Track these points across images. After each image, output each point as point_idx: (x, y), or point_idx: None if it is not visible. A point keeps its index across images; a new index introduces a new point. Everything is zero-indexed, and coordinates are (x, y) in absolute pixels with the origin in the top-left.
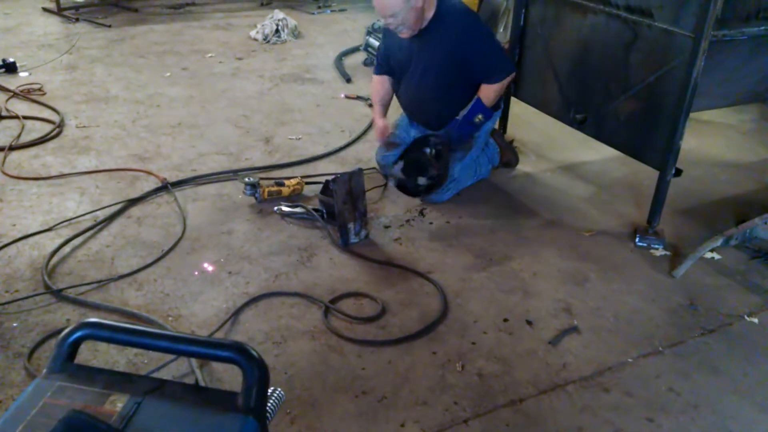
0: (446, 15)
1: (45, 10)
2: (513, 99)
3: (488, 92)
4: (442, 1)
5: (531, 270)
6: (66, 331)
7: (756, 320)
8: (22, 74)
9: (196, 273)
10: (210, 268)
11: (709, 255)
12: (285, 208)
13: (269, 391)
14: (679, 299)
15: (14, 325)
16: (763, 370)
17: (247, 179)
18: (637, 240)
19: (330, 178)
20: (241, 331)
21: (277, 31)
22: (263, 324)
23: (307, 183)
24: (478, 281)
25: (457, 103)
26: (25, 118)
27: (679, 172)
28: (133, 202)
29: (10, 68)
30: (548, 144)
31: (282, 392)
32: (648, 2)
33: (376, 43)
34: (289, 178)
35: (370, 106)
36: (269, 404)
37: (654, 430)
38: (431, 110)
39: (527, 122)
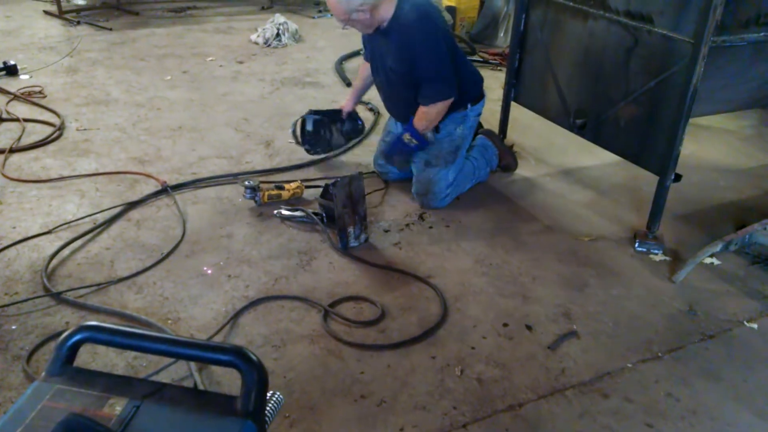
0: (403, 17)
1: (46, 13)
2: (513, 104)
3: (420, 115)
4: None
5: (530, 275)
6: (65, 334)
7: (755, 326)
8: (22, 77)
9: (196, 276)
10: (209, 272)
11: (708, 260)
12: (285, 212)
13: (268, 394)
14: (679, 305)
15: (13, 327)
16: (763, 376)
17: (247, 182)
18: (636, 245)
19: (330, 182)
20: (241, 335)
21: (277, 34)
22: (262, 327)
23: (307, 187)
24: (477, 286)
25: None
26: (25, 120)
27: (678, 178)
28: (132, 205)
29: (11, 71)
30: (548, 148)
31: (281, 396)
32: (648, 8)
33: None
34: (289, 182)
35: (371, 110)
36: (268, 408)
37: None
38: (402, 108)
39: (527, 126)
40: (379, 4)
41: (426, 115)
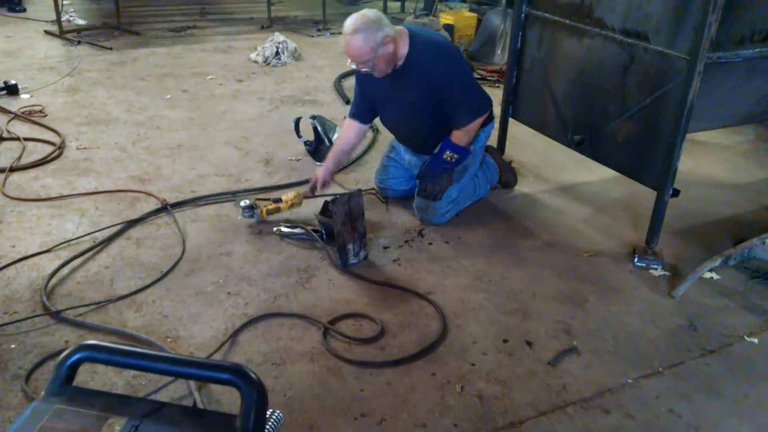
0: (419, 52)
1: (47, 33)
2: (511, 120)
3: (458, 133)
4: (416, 35)
5: (530, 291)
6: (64, 353)
7: (756, 340)
8: (23, 96)
9: (195, 294)
10: (209, 289)
11: (707, 275)
12: (284, 229)
13: (268, 413)
14: (679, 320)
15: (12, 346)
16: (763, 391)
17: (242, 203)
18: (635, 260)
19: (329, 199)
20: (240, 353)
21: (277, 53)
22: (262, 345)
23: (305, 197)
24: (477, 302)
25: (443, 129)
26: (26, 139)
27: (676, 193)
28: (132, 224)
29: (12, 90)
30: (546, 165)
31: (280, 414)
32: (644, 25)
33: None
34: (285, 192)
35: (370, 127)
36: (267, 427)
37: None
38: (418, 139)
39: (525, 143)
40: (398, 37)
41: (466, 132)
